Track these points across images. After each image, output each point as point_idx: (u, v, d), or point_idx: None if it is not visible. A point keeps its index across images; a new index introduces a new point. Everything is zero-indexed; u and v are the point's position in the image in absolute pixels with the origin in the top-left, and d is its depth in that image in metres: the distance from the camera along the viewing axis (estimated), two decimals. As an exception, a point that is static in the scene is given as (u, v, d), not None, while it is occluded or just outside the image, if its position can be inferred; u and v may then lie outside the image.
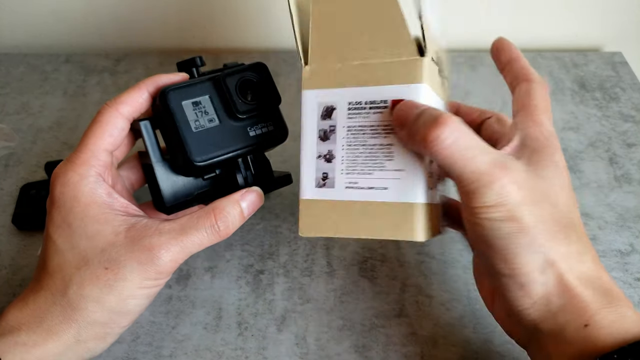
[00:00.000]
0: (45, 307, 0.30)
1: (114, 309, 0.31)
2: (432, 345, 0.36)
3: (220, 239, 0.32)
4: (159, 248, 0.30)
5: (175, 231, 0.31)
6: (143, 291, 0.31)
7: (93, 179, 0.32)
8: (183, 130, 0.33)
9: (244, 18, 0.61)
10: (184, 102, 0.34)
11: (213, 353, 0.37)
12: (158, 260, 0.30)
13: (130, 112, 0.34)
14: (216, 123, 0.34)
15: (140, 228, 0.31)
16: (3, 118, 0.54)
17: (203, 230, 0.31)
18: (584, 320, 0.27)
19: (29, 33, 0.62)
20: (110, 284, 0.30)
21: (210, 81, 0.35)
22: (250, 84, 0.35)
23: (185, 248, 0.31)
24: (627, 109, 0.53)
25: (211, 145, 0.34)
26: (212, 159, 0.34)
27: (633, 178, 0.47)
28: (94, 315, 0.30)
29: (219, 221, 0.32)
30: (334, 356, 0.36)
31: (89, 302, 0.30)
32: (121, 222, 0.31)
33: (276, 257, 0.42)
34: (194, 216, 0.32)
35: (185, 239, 0.31)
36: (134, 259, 0.30)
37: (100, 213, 0.31)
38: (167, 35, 0.62)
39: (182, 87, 0.34)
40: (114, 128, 0.33)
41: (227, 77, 0.35)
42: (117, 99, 0.33)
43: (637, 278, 0.40)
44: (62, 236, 0.31)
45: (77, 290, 0.30)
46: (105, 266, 0.30)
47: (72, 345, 0.31)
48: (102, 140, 0.33)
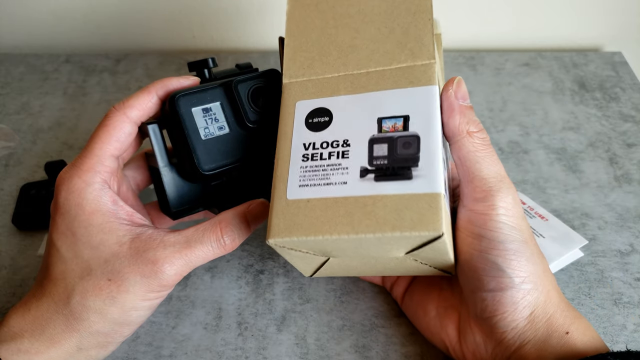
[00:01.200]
0: (48, 315, 0.30)
1: (116, 320, 0.31)
2: (432, 345, 0.36)
3: (225, 252, 0.32)
4: (163, 262, 0.30)
5: (180, 244, 0.31)
6: (145, 303, 0.31)
7: (98, 186, 0.31)
8: (192, 138, 0.32)
9: (244, 18, 0.61)
10: (194, 109, 0.33)
11: (213, 353, 0.37)
12: (162, 274, 0.30)
13: (139, 116, 0.33)
14: (226, 131, 0.33)
15: (145, 239, 0.31)
16: (3, 118, 0.54)
17: (209, 244, 0.31)
18: (565, 328, 0.30)
19: (29, 33, 0.62)
20: (113, 296, 0.30)
21: (222, 87, 0.34)
22: (262, 92, 0.34)
23: (189, 262, 0.31)
24: (627, 109, 0.53)
25: (220, 154, 0.33)
26: (220, 168, 0.33)
27: (633, 178, 0.47)
28: (95, 326, 0.30)
29: (225, 235, 0.31)
30: (334, 356, 0.36)
31: (91, 313, 0.30)
32: (126, 232, 0.31)
33: (276, 257, 0.42)
34: (199, 229, 0.31)
35: (190, 253, 0.31)
36: (138, 272, 0.30)
37: (104, 222, 0.31)
38: (167, 35, 0.62)
39: (192, 92, 0.33)
40: (121, 133, 0.32)
41: (239, 84, 0.34)
42: (125, 102, 0.33)
43: (637, 278, 0.40)
44: (66, 244, 0.31)
45: (80, 300, 0.30)
46: (108, 277, 0.30)
47: (74, 354, 0.31)
48: (108, 145, 0.32)
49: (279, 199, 0.30)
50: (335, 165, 0.30)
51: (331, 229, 0.29)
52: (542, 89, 0.55)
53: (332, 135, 0.31)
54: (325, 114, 0.32)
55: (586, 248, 0.42)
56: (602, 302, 0.39)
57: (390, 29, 0.33)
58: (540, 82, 0.56)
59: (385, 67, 0.32)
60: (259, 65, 0.59)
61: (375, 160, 0.30)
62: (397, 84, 0.31)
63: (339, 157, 0.30)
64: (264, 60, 0.60)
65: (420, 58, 0.31)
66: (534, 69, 0.57)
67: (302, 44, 0.34)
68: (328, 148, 0.31)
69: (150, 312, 0.32)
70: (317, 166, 0.30)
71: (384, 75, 0.32)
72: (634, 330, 0.37)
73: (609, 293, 0.39)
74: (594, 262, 0.41)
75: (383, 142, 0.30)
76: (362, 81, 0.32)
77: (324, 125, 0.31)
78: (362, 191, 0.29)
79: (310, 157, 0.31)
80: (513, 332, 0.30)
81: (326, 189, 0.30)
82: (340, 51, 0.33)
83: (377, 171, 0.29)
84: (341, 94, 0.32)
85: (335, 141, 0.31)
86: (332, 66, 0.33)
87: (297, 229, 0.29)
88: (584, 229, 0.43)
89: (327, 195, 0.29)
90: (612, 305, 0.38)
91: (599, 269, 0.41)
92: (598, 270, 0.40)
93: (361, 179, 0.29)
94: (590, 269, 0.41)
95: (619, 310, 0.38)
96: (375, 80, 0.32)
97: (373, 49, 0.32)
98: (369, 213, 0.28)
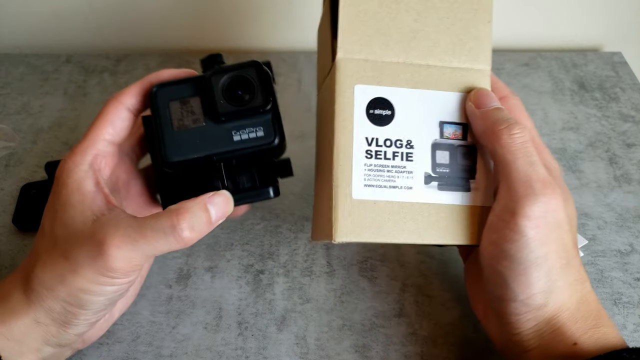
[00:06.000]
0: (13, 286, 0.31)
1: (65, 299, 0.29)
2: (432, 345, 0.37)
3: (183, 244, 0.29)
4: (109, 244, 0.28)
5: (132, 228, 0.29)
6: (96, 288, 0.29)
7: (85, 167, 0.31)
8: (163, 129, 0.33)
9: (244, 18, 0.61)
10: (173, 100, 0.33)
11: (213, 353, 0.37)
12: (107, 256, 0.28)
13: (133, 104, 0.33)
14: (201, 124, 0.33)
15: (105, 221, 0.29)
16: (3, 118, 0.54)
17: (161, 231, 0.28)
18: (573, 340, 0.29)
19: (30, 33, 0.62)
20: (63, 274, 0.29)
21: (201, 80, 0.33)
22: (242, 84, 0.33)
23: (139, 249, 0.29)
24: (626, 109, 0.53)
25: (189, 146, 0.32)
26: (186, 159, 0.32)
27: (633, 178, 0.47)
28: (47, 302, 0.30)
29: (183, 223, 0.29)
30: (334, 356, 0.36)
31: (43, 288, 0.30)
32: (93, 213, 0.30)
33: (276, 257, 0.42)
34: (156, 215, 0.29)
35: (141, 239, 0.28)
36: (86, 253, 0.29)
37: (79, 201, 0.30)
38: (167, 35, 0.62)
39: (174, 84, 0.33)
40: (114, 117, 0.33)
41: (213, 76, 0.33)
42: (120, 91, 0.33)
43: (636, 278, 0.40)
44: (48, 219, 0.31)
45: (37, 273, 0.30)
46: (65, 255, 0.29)
47: (34, 326, 0.30)
48: (102, 129, 0.32)
49: (344, 197, 0.29)
50: (400, 167, 0.30)
51: (398, 235, 0.30)
52: (542, 89, 0.55)
53: (395, 133, 0.30)
54: (386, 106, 0.31)
55: (586, 248, 0.42)
56: (602, 302, 0.38)
57: (452, 21, 0.31)
58: (540, 82, 0.56)
59: (445, 64, 0.31)
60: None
61: (438, 167, 0.30)
62: (456, 86, 0.31)
63: (404, 159, 0.30)
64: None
65: (478, 62, 0.31)
66: (533, 69, 0.57)
67: (359, 12, 0.31)
68: (392, 147, 0.30)
69: (107, 300, 0.31)
70: (382, 166, 0.30)
71: (444, 73, 0.31)
72: (634, 330, 0.37)
73: (608, 293, 0.39)
74: (594, 262, 0.41)
75: (445, 149, 0.31)
76: (423, 75, 0.31)
77: (386, 119, 0.30)
78: (426, 198, 0.30)
79: (374, 154, 0.30)
80: (517, 337, 0.30)
81: (392, 192, 0.30)
82: (402, 34, 0.31)
83: (440, 179, 0.30)
84: (402, 85, 0.31)
85: (398, 140, 0.30)
86: (393, 50, 0.31)
87: (366, 232, 0.29)
88: (583, 229, 0.43)
89: (393, 199, 0.30)
90: (612, 305, 0.38)
91: (599, 269, 0.41)
92: (598, 270, 0.40)
93: (425, 186, 0.30)
94: (590, 269, 0.41)
95: (619, 310, 0.38)
96: (435, 77, 0.31)
97: (435, 40, 0.31)
98: (434, 223, 0.30)
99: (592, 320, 0.30)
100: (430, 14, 0.31)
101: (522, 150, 0.29)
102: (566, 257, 0.29)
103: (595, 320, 0.30)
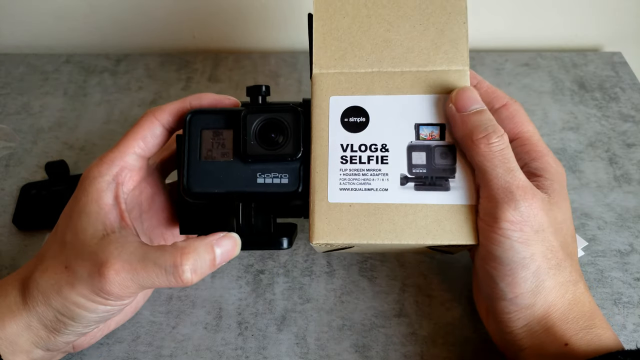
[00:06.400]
0: (13, 286, 0.31)
1: (58, 309, 0.30)
2: (432, 345, 0.37)
3: (182, 285, 0.29)
4: (109, 267, 0.28)
5: (136, 257, 0.29)
6: (89, 305, 0.29)
7: (108, 179, 0.31)
8: (190, 155, 0.32)
9: (244, 18, 0.61)
10: (206, 129, 0.33)
11: (213, 353, 0.37)
12: (104, 278, 0.28)
13: (169, 122, 0.33)
14: (229, 159, 0.32)
15: (112, 240, 0.29)
16: (4, 118, 0.54)
17: (163, 268, 0.28)
18: (564, 340, 0.29)
19: (29, 33, 0.62)
20: (60, 284, 0.29)
21: (239, 115, 0.33)
22: (276, 128, 0.32)
23: (137, 279, 0.28)
24: (626, 109, 0.53)
25: (212, 180, 0.32)
26: (207, 192, 0.32)
27: (632, 178, 0.47)
28: (40, 307, 0.30)
29: (186, 264, 0.28)
30: (334, 356, 0.36)
31: (39, 293, 0.30)
32: (105, 227, 0.30)
33: (276, 257, 0.42)
34: (162, 249, 0.29)
35: (142, 271, 0.28)
36: (86, 269, 0.29)
37: (95, 212, 0.30)
38: (167, 35, 0.62)
39: (210, 112, 0.33)
40: (148, 133, 0.33)
41: (249, 115, 0.32)
42: (159, 107, 0.33)
43: (636, 278, 0.40)
44: (62, 223, 0.32)
45: (37, 277, 0.30)
46: (66, 265, 0.30)
47: (25, 330, 0.30)
48: (133, 142, 0.32)
49: (321, 201, 0.31)
50: (375, 170, 0.31)
51: (375, 235, 0.30)
52: (542, 89, 0.55)
53: (369, 138, 0.31)
54: (361, 113, 0.32)
55: (586, 248, 0.42)
56: (601, 302, 0.39)
57: (425, 26, 0.32)
58: (540, 82, 0.56)
59: (420, 68, 0.32)
60: (258, 65, 0.59)
61: (414, 168, 0.31)
62: (433, 89, 0.31)
63: (379, 163, 0.31)
64: (264, 61, 0.60)
65: (455, 63, 0.32)
66: (533, 69, 0.57)
67: (332, 30, 0.33)
68: (367, 152, 0.31)
69: (99, 318, 0.31)
70: (357, 170, 0.31)
71: (419, 77, 0.32)
72: (634, 330, 0.37)
73: (608, 293, 0.39)
74: (594, 262, 0.41)
75: (421, 150, 0.31)
76: (397, 82, 0.32)
77: (360, 126, 0.32)
78: (403, 199, 0.30)
79: (349, 159, 0.31)
80: (510, 336, 0.31)
81: (368, 194, 0.31)
82: (374, 45, 0.32)
83: (416, 180, 0.31)
84: (376, 93, 0.32)
85: (373, 145, 0.31)
86: (366, 60, 0.32)
87: (343, 234, 0.30)
88: (583, 229, 0.43)
89: (369, 201, 0.31)
90: (612, 305, 0.38)
91: (599, 269, 0.41)
92: (598, 270, 0.41)
93: (401, 187, 0.31)
94: (590, 269, 0.41)
95: (619, 310, 0.38)
96: (410, 82, 0.32)
97: (408, 46, 0.32)
98: (411, 223, 0.30)
99: (584, 321, 0.30)
100: (402, 23, 0.32)
101: (500, 157, 0.29)
102: (555, 259, 0.29)
103: (589, 322, 0.30)
